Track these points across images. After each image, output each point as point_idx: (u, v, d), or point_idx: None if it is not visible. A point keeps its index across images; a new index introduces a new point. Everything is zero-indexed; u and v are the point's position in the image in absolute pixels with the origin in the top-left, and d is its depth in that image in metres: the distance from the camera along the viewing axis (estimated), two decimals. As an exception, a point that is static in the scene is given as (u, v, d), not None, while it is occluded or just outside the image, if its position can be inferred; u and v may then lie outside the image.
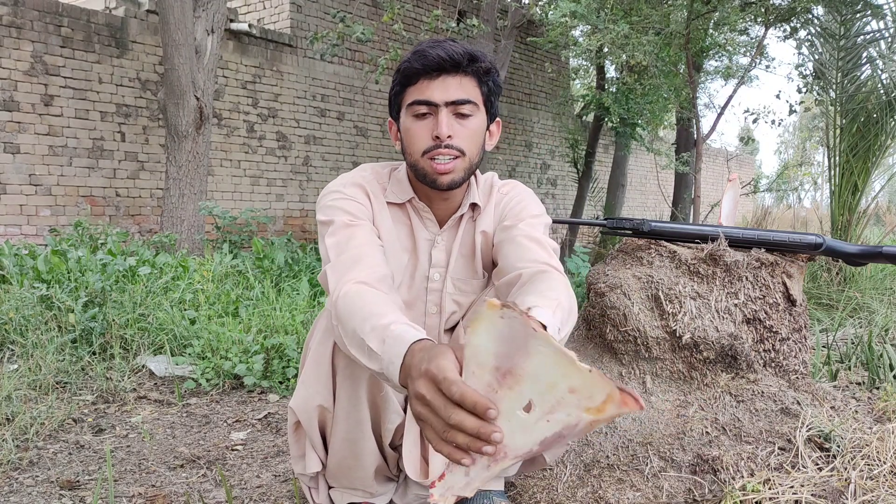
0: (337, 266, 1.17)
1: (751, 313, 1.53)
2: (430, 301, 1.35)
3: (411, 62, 1.22)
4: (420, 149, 1.23)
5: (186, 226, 5.56)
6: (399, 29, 6.24)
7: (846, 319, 3.16)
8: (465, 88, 1.23)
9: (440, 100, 1.21)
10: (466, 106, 1.22)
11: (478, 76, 1.25)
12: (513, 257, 1.23)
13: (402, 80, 1.25)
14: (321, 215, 1.29)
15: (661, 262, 1.61)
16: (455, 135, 1.22)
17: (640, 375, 1.56)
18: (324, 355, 1.20)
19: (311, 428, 1.24)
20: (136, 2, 6.48)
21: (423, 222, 1.35)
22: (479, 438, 0.68)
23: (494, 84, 1.28)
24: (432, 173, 1.23)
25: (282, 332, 2.91)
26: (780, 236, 1.55)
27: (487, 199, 1.38)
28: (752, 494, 1.26)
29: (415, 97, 1.23)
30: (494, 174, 1.43)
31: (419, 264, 1.34)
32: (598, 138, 10.08)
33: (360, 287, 1.08)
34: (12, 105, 5.63)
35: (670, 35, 5.84)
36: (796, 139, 35.49)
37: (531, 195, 1.40)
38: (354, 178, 1.32)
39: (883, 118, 3.91)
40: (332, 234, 1.23)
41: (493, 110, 1.30)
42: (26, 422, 2.07)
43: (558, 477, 1.48)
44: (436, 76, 1.21)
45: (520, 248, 1.23)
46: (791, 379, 1.55)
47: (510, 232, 1.29)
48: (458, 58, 1.21)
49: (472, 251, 1.37)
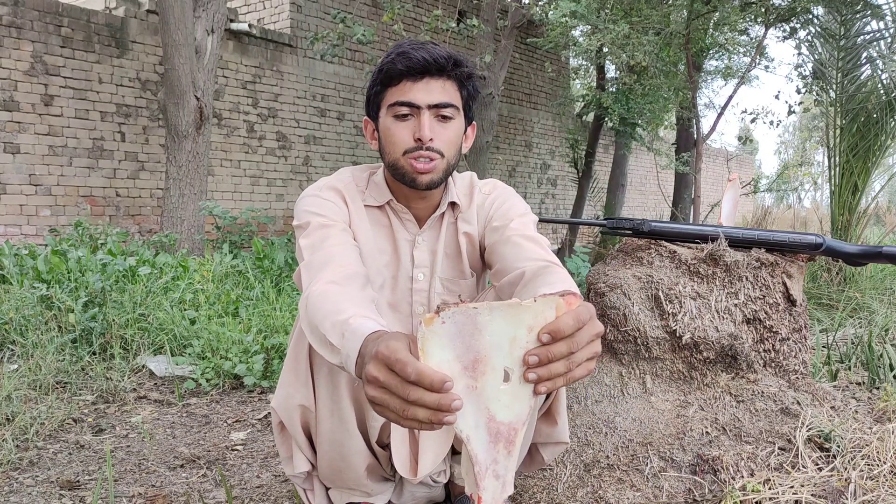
0: (310, 266, 1.17)
1: (751, 313, 1.53)
2: (416, 301, 1.34)
3: (394, 62, 1.21)
4: (401, 149, 1.23)
5: (186, 226, 5.56)
6: (399, 29, 6.24)
7: (846, 319, 3.16)
8: (448, 92, 1.23)
9: (423, 102, 1.21)
10: (448, 109, 1.23)
11: (459, 80, 1.25)
12: (511, 257, 1.23)
13: (383, 79, 1.24)
14: (297, 219, 1.29)
15: (661, 262, 1.61)
16: (436, 137, 1.22)
17: (640, 375, 1.56)
18: (301, 353, 1.20)
19: (294, 428, 1.24)
20: (136, 2, 6.48)
21: (403, 223, 1.34)
22: (441, 410, 0.69)
23: (474, 89, 1.29)
24: (412, 172, 1.23)
25: (282, 331, 2.91)
26: (780, 236, 1.55)
27: (469, 199, 1.38)
28: (752, 494, 1.26)
29: (397, 98, 1.22)
30: (473, 174, 1.43)
31: (401, 265, 1.33)
32: (598, 138, 10.08)
33: (328, 286, 1.07)
34: (12, 105, 5.63)
35: (670, 35, 5.84)
36: (796, 139, 35.50)
37: (513, 194, 1.40)
38: (331, 183, 1.32)
39: (883, 118, 3.91)
40: (307, 235, 1.23)
41: (470, 114, 1.31)
42: (26, 422, 2.07)
43: (558, 477, 1.48)
44: (419, 78, 1.21)
45: (517, 248, 1.24)
46: (791, 379, 1.55)
47: (503, 233, 1.29)
48: (442, 61, 1.21)
49: (457, 251, 1.37)
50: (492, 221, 1.34)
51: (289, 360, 1.23)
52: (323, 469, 1.28)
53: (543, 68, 10.15)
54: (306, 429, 1.25)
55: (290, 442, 1.29)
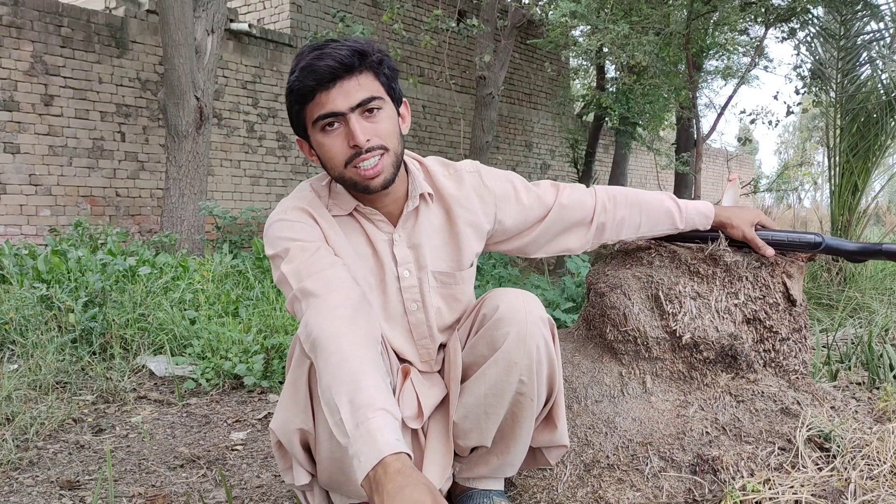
0: (306, 293, 1.14)
1: (751, 313, 1.53)
2: (407, 299, 1.32)
3: (303, 80, 1.16)
4: (341, 161, 1.20)
5: (186, 226, 5.56)
6: (399, 29, 6.24)
7: (846, 319, 3.16)
8: (365, 86, 1.18)
9: (345, 107, 1.16)
10: (373, 102, 1.19)
11: (373, 69, 1.20)
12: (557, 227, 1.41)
13: (297, 99, 1.19)
14: (270, 249, 1.24)
15: (661, 262, 1.61)
16: (372, 135, 1.18)
17: (640, 375, 1.56)
18: (300, 378, 1.18)
19: (293, 448, 1.22)
20: (136, 2, 6.48)
21: (376, 224, 1.30)
22: None
23: (390, 69, 1.23)
24: (361, 180, 1.20)
25: (282, 331, 2.91)
26: (779, 236, 1.55)
27: (458, 182, 1.35)
28: (752, 494, 1.26)
29: (319, 112, 1.17)
30: (438, 158, 1.39)
31: (385, 266, 1.30)
32: (598, 138, 10.09)
33: (337, 324, 1.06)
34: (12, 105, 5.63)
35: (670, 35, 5.84)
36: (796, 139, 35.50)
37: (496, 172, 1.40)
38: (294, 203, 1.28)
39: (883, 118, 3.91)
40: (289, 262, 1.20)
41: (397, 95, 1.26)
42: (26, 422, 2.07)
43: (558, 477, 1.48)
44: (332, 85, 1.16)
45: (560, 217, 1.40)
46: (791, 379, 1.55)
47: (528, 213, 1.38)
48: (348, 61, 1.16)
49: (447, 240, 1.34)
50: (503, 208, 1.37)
51: (288, 384, 1.21)
52: (323, 479, 1.27)
53: (543, 68, 10.16)
54: (305, 446, 1.24)
55: (290, 457, 1.27)
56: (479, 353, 1.26)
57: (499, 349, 1.21)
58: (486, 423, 1.27)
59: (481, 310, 1.29)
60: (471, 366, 1.27)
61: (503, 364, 1.21)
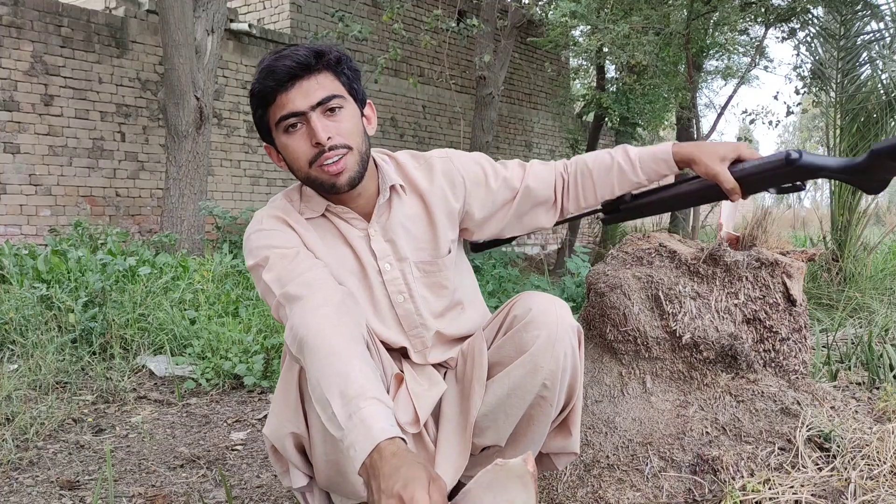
0: (289, 297, 1.15)
1: (751, 313, 1.53)
2: (393, 291, 1.31)
3: (263, 82, 1.19)
4: (305, 161, 1.21)
5: (186, 226, 5.56)
6: (399, 28, 6.24)
7: (846, 319, 3.17)
8: (324, 85, 1.20)
9: (305, 106, 1.18)
10: (333, 101, 1.20)
11: (331, 69, 1.22)
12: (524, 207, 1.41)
13: (259, 102, 1.22)
14: (250, 259, 1.25)
15: (661, 262, 1.61)
16: (333, 133, 1.19)
17: (640, 375, 1.56)
18: (291, 382, 1.18)
19: (287, 452, 1.23)
20: (136, 2, 6.48)
21: (349, 222, 1.31)
22: None
23: (351, 70, 1.25)
24: (327, 179, 1.21)
25: (282, 331, 2.91)
26: (749, 167, 1.32)
27: (429, 172, 1.36)
28: (752, 494, 1.26)
29: (280, 113, 1.19)
30: (409, 151, 1.40)
31: (365, 262, 1.30)
32: (598, 138, 10.08)
33: (322, 320, 1.06)
34: (12, 105, 5.63)
35: (670, 35, 5.84)
36: (796, 139, 35.50)
37: (466, 155, 1.41)
38: (268, 213, 1.29)
39: (883, 118, 3.91)
40: (269, 269, 1.21)
41: (360, 96, 1.27)
42: (26, 422, 2.07)
43: (558, 477, 1.48)
44: (291, 86, 1.18)
45: (526, 197, 1.40)
46: (791, 379, 1.55)
47: (496, 196, 1.39)
48: (305, 60, 1.18)
49: (423, 231, 1.34)
50: (473, 192, 1.37)
51: (279, 388, 1.21)
52: (321, 480, 1.27)
53: (543, 68, 10.16)
54: (300, 449, 1.24)
55: (285, 461, 1.27)
56: (506, 353, 1.26)
57: (527, 352, 1.21)
58: (505, 423, 1.27)
59: (511, 311, 1.29)
60: (495, 365, 1.27)
61: (529, 367, 1.21)
